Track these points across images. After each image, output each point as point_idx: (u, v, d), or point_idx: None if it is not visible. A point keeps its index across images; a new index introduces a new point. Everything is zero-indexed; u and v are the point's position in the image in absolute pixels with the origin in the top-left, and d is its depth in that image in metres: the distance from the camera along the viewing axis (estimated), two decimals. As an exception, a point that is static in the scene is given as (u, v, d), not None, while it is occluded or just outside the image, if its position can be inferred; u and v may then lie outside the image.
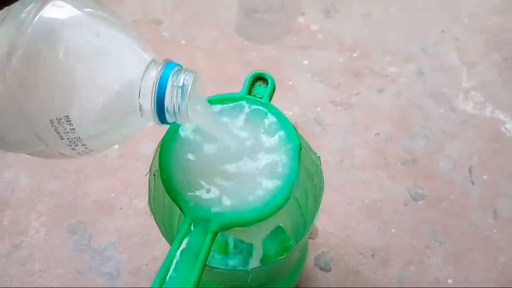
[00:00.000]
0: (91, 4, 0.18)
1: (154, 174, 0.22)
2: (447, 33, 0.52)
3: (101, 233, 0.38)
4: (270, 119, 0.22)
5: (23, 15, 0.16)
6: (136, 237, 0.38)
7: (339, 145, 0.43)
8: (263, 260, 0.26)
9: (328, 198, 0.41)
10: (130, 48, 0.18)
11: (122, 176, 0.41)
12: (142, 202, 0.40)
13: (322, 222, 0.39)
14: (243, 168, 0.21)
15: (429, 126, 0.45)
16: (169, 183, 0.20)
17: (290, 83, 0.48)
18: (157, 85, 0.18)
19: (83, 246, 0.37)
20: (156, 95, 0.18)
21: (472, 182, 0.42)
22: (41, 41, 0.16)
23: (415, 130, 0.45)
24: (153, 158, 0.22)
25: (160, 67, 0.18)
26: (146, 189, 0.23)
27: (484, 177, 0.42)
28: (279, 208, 0.20)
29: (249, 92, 0.23)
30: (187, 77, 0.19)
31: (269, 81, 0.23)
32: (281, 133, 0.22)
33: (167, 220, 0.24)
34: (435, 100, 0.47)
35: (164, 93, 0.18)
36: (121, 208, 0.39)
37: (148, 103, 0.18)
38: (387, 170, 0.42)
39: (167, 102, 0.18)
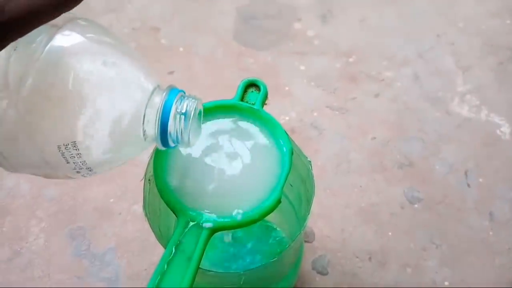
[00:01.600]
0: (97, 31, 0.19)
1: (149, 180, 0.23)
2: (442, 37, 0.52)
3: (100, 239, 0.38)
4: (262, 124, 0.23)
5: (34, 45, 0.17)
6: (135, 242, 0.38)
7: (335, 149, 0.44)
8: (257, 261, 0.27)
9: (325, 202, 0.41)
10: (135, 75, 0.19)
11: (121, 182, 0.41)
12: (140, 208, 0.40)
13: (319, 225, 0.40)
14: (236, 172, 0.22)
15: (425, 129, 0.45)
16: (162, 187, 0.21)
17: (286, 88, 0.48)
18: (161, 112, 0.19)
19: (82, 252, 0.38)
20: (159, 122, 0.19)
21: (468, 185, 0.42)
22: (51, 70, 0.17)
23: (411, 134, 0.45)
24: (148, 164, 0.23)
25: (164, 94, 0.19)
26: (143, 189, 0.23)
27: (480, 180, 0.42)
28: (272, 209, 0.21)
29: (242, 99, 0.24)
30: (190, 104, 0.19)
31: (261, 87, 0.24)
32: (273, 139, 0.22)
33: (162, 224, 0.24)
34: (431, 104, 0.47)
35: (168, 119, 0.19)
36: (120, 214, 0.40)
37: (152, 129, 0.19)
38: (384, 174, 0.42)
39: (170, 128, 0.19)
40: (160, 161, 0.22)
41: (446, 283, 0.37)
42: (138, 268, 0.37)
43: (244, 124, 0.23)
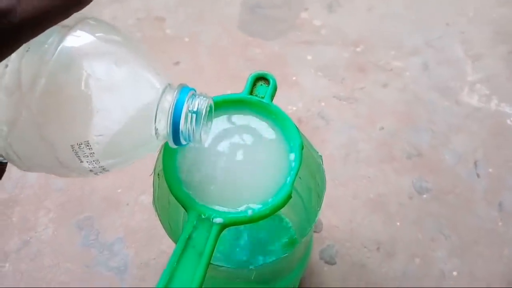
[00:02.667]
0: (107, 30, 0.19)
1: (158, 174, 0.23)
2: (452, 26, 0.52)
3: (108, 229, 0.39)
4: (271, 118, 0.23)
5: (46, 46, 0.17)
6: (143, 232, 0.38)
7: (343, 139, 0.44)
8: (267, 256, 0.27)
9: (333, 192, 0.41)
10: (146, 74, 0.19)
11: (129, 172, 0.41)
12: (148, 198, 0.40)
13: (327, 216, 0.40)
14: (245, 166, 0.22)
15: (434, 120, 0.45)
16: (172, 182, 0.21)
17: (294, 78, 0.48)
18: (172, 110, 0.19)
19: (91, 241, 0.38)
20: (171, 120, 0.19)
21: (477, 175, 0.42)
22: (63, 71, 0.17)
23: (420, 124, 0.45)
24: (157, 159, 0.23)
25: (175, 93, 0.19)
26: (152, 184, 0.23)
27: (490, 170, 0.42)
28: (282, 205, 0.20)
29: (251, 92, 0.23)
30: (201, 102, 0.19)
31: (271, 81, 0.24)
32: (283, 133, 0.22)
33: (172, 219, 0.24)
34: (440, 93, 0.47)
35: (179, 118, 0.19)
36: (128, 204, 0.40)
37: (164, 127, 0.19)
38: (392, 164, 0.42)
39: (182, 127, 0.19)
40: (170, 155, 0.22)
41: (455, 273, 0.37)
42: (147, 257, 0.37)
43: (254, 118, 0.23)
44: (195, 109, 0.19)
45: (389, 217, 0.39)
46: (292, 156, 0.22)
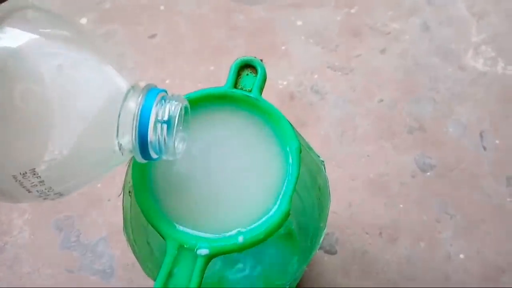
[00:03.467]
0: (51, 23, 0.15)
1: (129, 192, 0.19)
2: (454, -20, 0.47)
3: (90, 228, 0.36)
4: (261, 117, 0.19)
5: None
6: (128, 230, 0.36)
7: (339, 115, 0.40)
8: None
9: (330, 174, 0.38)
10: (101, 78, 0.15)
11: (107, 164, 0.38)
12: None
13: (325, 201, 0.37)
14: (232, 179, 0.18)
15: (436, 88, 0.41)
16: (145, 205, 0.17)
17: (283, 48, 0.43)
18: (137, 119, 0.15)
19: (72, 243, 0.35)
20: (137, 132, 0.15)
21: (484, 148, 0.39)
22: None
23: (421, 93, 0.41)
24: (126, 173, 0.19)
25: (140, 97, 0.15)
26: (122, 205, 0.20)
27: (497, 141, 0.39)
28: (278, 227, 0.17)
29: (235, 85, 0.19)
30: (173, 108, 0.16)
31: (259, 69, 0.20)
32: (276, 136, 0.18)
33: (151, 237, 0.21)
34: (443, 58, 0.43)
35: (147, 129, 0.15)
36: (109, 200, 0.37)
37: (129, 141, 0.15)
38: (392, 140, 0.39)
39: (151, 138, 0.15)
40: (141, 170, 0.18)
41: (461, 256, 0.35)
42: (134, 257, 0.35)
43: (240, 118, 0.19)
44: (165, 119, 0.15)
45: (391, 198, 0.37)
46: (288, 162, 0.18)
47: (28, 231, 0.36)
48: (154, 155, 0.16)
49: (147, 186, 0.18)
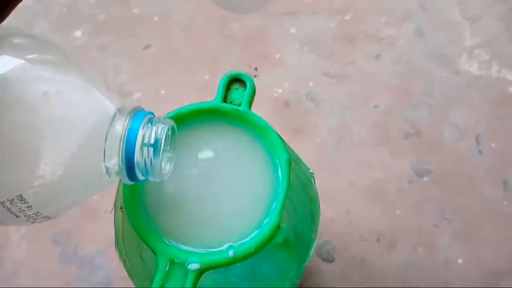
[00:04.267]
0: (38, 49, 0.15)
1: (121, 208, 0.19)
2: (447, -16, 0.47)
3: (87, 241, 0.36)
4: (251, 131, 0.19)
5: None
6: (125, 241, 0.36)
7: (335, 122, 0.40)
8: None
9: (327, 181, 0.38)
10: (88, 102, 0.15)
11: (104, 176, 0.38)
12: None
13: (322, 208, 0.36)
14: (222, 192, 0.18)
15: (431, 92, 0.41)
16: (136, 221, 0.18)
17: (277, 56, 0.44)
18: (124, 142, 0.15)
19: (69, 256, 0.35)
20: (123, 155, 0.15)
21: (480, 152, 0.39)
22: None
23: (417, 98, 0.41)
24: (117, 190, 0.19)
25: (126, 121, 0.15)
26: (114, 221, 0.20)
27: (493, 145, 0.39)
28: (270, 238, 0.17)
29: (225, 99, 0.20)
30: (159, 131, 0.16)
31: (248, 83, 0.20)
32: (266, 149, 0.18)
33: (145, 250, 0.21)
34: (437, 62, 0.43)
35: (133, 151, 0.15)
36: (106, 212, 0.37)
37: (116, 165, 0.15)
38: (389, 146, 0.39)
39: (138, 159, 0.16)
40: (132, 187, 0.18)
41: (460, 261, 0.35)
42: (131, 269, 0.35)
43: (229, 132, 0.19)
44: (151, 142, 0.16)
45: (388, 204, 0.37)
46: (278, 175, 0.18)
47: (25, 245, 0.36)
48: (141, 177, 0.16)
49: (138, 202, 0.18)
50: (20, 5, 0.15)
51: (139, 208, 0.18)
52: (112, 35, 0.45)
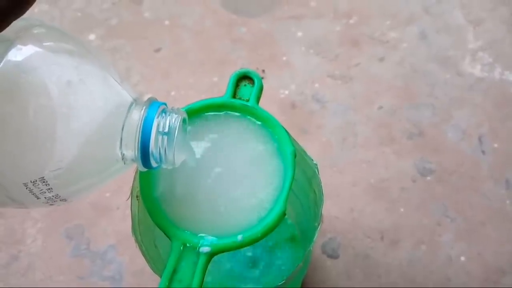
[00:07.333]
0: (58, 40, 0.16)
1: (136, 196, 0.20)
2: (450, -11, 0.48)
3: (99, 236, 0.37)
4: (259, 125, 0.20)
5: None
6: (136, 237, 0.37)
7: (340, 122, 0.41)
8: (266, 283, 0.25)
9: (332, 180, 0.39)
10: (107, 92, 0.16)
11: (116, 174, 0.39)
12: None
13: (327, 206, 0.38)
14: (232, 182, 0.19)
15: (435, 94, 0.42)
16: (151, 207, 0.19)
17: (284, 58, 0.45)
18: (140, 130, 0.16)
19: (82, 251, 0.36)
20: (139, 143, 0.16)
21: (483, 152, 0.39)
22: (3, 99, 0.14)
23: (420, 99, 0.42)
24: (134, 179, 0.20)
25: (142, 110, 0.16)
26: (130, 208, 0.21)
27: (495, 145, 0.40)
28: (276, 224, 0.18)
29: (234, 95, 0.21)
30: (172, 120, 0.17)
31: (255, 80, 0.21)
32: (273, 141, 0.20)
33: (159, 238, 0.22)
34: (440, 65, 0.44)
35: (149, 140, 0.16)
36: (118, 208, 0.38)
37: (131, 151, 0.17)
38: (393, 146, 0.40)
39: (152, 148, 0.17)
40: (147, 176, 0.19)
41: (462, 258, 0.35)
42: (142, 264, 0.36)
43: (238, 126, 0.20)
44: (166, 130, 0.17)
45: (392, 203, 0.38)
46: (284, 166, 0.20)
47: (40, 239, 0.37)
48: (154, 164, 0.17)
49: (153, 191, 0.19)
50: (36, 9, 0.16)
51: (154, 197, 0.19)
52: (124, 39, 0.46)
